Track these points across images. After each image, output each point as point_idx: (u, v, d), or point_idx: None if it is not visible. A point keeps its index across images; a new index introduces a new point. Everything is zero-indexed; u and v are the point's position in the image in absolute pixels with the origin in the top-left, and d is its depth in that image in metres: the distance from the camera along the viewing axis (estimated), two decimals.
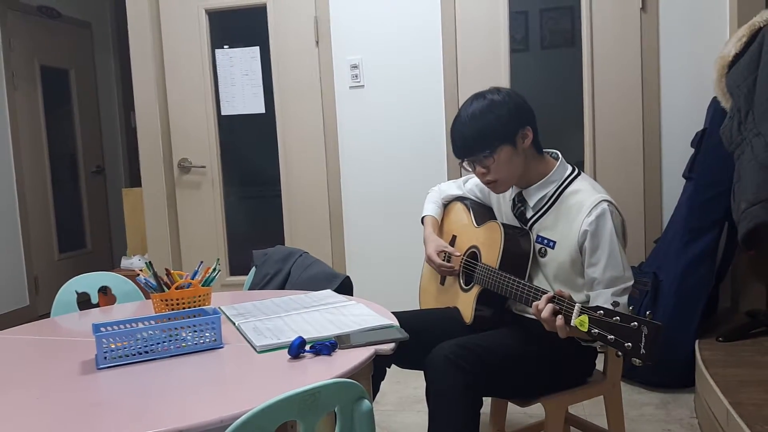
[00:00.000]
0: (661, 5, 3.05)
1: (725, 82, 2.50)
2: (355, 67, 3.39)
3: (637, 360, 1.32)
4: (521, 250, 1.77)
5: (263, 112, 3.57)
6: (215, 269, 1.80)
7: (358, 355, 1.36)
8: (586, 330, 1.42)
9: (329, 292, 1.95)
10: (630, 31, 3.09)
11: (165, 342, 1.44)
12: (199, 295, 1.73)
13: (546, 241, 1.76)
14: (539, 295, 1.57)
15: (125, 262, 4.20)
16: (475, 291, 1.84)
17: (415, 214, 2.33)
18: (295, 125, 3.53)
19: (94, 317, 1.88)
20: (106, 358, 1.38)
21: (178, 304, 1.69)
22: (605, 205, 1.67)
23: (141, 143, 3.67)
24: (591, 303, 1.67)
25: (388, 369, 1.96)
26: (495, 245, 1.79)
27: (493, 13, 3.23)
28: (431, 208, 2.13)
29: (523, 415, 2.46)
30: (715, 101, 2.72)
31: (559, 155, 1.83)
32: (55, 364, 1.44)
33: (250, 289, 2.39)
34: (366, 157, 3.44)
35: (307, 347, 1.39)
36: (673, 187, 3.07)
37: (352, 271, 3.47)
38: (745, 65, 2.41)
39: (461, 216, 2.05)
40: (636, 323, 1.33)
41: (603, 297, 1.65)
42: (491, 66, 3.25)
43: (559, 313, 1.49)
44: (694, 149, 2.85)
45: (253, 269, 2.47)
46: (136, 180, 4.71)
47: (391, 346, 1.43)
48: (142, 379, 1.30)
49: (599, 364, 1.86)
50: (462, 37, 3.28)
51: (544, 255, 1.76)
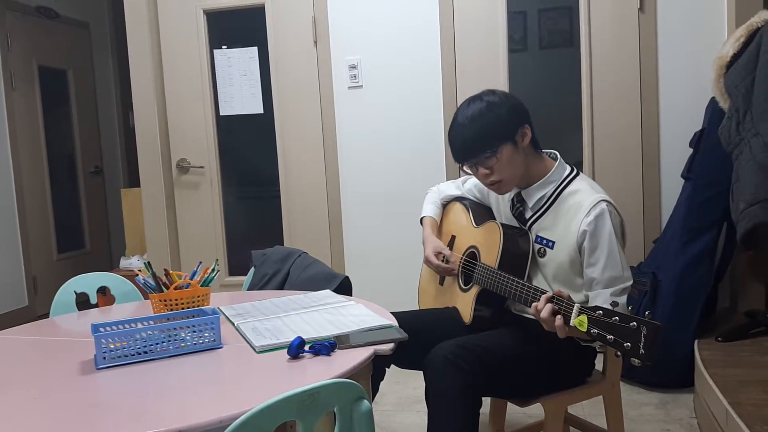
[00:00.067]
0: (660, 6, 3.05)
1: (723, 82, 2.51)
2: (353, 67, 3.39)
3: (636, 360, 1.32)
4: (520, 250, 1.77)
5: (262, 112, 3.57)
6: (214, 269, 1.80)
7: (358, 356, 1.36)
8: (585, 330, 1.42)
9: (328, 292, 1.95)
10: (628, 32, 3.10)
11: (164, 342, 1.44)
12: (198, 296, 1.73)
13: (545, 242, 1.76)
14: (538, 295, 1.57)
15: (124, 263, 4.20)
16: (474, 291, 1.85)
17: (414, 214, 2.33)
18: (294, 125, 3.53)
19: (93, 317, 1.87)
20: (105, 358, 1.38)
21: (177, 305, 1.69)
22: (604, 205, 1.67)
23: (139, 143, 3.67)
24: (590, 303, 1.67)
25: (387, 369, 1.96)
26: (494, 245, 1.79)
27: (492, 13, 3.23)
28: (430, 209, 2.13)
29: (523, 415, 2.46)
30: (713, 101, 2.73)
31: (558, 155, 1.83)
32: (54, 365, 1.44)
33: (249, 289, 2.38)
34: (365, 157, 3.44)
35: (307, 347, 1.39)
36: (671, 187, 3.08)
37: (351, 271, 3.47)
38: (743, 65, 2.41)
39: (460, 216, 2.05)
40: (635, 323, 1.33)
41: (602, 297, 1.65)
42: (490, 66, 3.25)
43: (558, 313, 1.49)
44: (692, 149, 2.85)
45: (252, 269, 2.46)
46: (134, 180, 4.71)
47: (391, 346, 1.43)
48: (141, 380, 1.30)
49: (598, 364, 1.86)
50: (460, 38, 3.28)
51: (543, 255, 1.76)
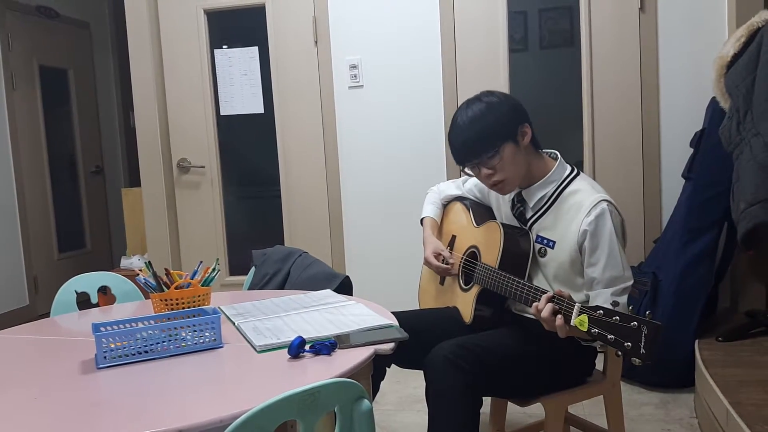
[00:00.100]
0: (660, 5, 3.05)
1: (724, 82, 2.50)
2: (354, 67, 3.39)
3: (636, 359, 1.32)
4: (521, 249, 1.77)
5: (262, 112, 3.56)
6: (215, 269, 1.80)
7: (358, 355, 1.36)
8: (586, 330, 1.42)
9: (329, 291, 1.95)
10: (629, 31, 3.09)
11: (164, 342, 1.44)
12: (199, 295, 1.73)
13: (545, 241, 1.76)
14: (539, 294, 1.57)
15: (125, 262, 4.20)
16: (475, 291, 1.85)
17: (414, 213, 2.33)
18: (294, 125, 3.53)
19: (93, 317, 1.87)
20: (105, 357, 1.38)
21: (177, 304, 1.70)
22: (605, 204, 1.67)
23: (140, 143, 3.67)
24: (590, 303, 1.67)
25: (387, 369, 1.96)
26: (494, 245, 1.79)
27: (492, 13, 3.23)
28: (430, 209, 2.13)
29: (523, 415, 2.46)
30: (714, 101, 2.73)
31: (558, 155, 1.83)
32: (55, 364, 1.44)
33: (249, 288, 2.39)
34: (365, 157, 3.44)
35: (307, 347, 1.39)
36: (672, 187, 3.07)
37: (352, 270, 3.47)
38: (744, 65, 2.41)
39: (461, 216, 2.05)
40: (636, 323, 1.33)
41: (602, 297, 1.65)
42: (490, 66, 3.25)
43: (559, 313, 1.49)
44: (693, 149, 2.85)
45: (253, 269, 2.46)
46: (135, 180, 4.71)
47: (391, 345, 1.43)
48: (142, 379, 1.30)
49: (599, 363, 1.86)
50: (461, 37, 3.28)
51: (544, 255, 1.76)
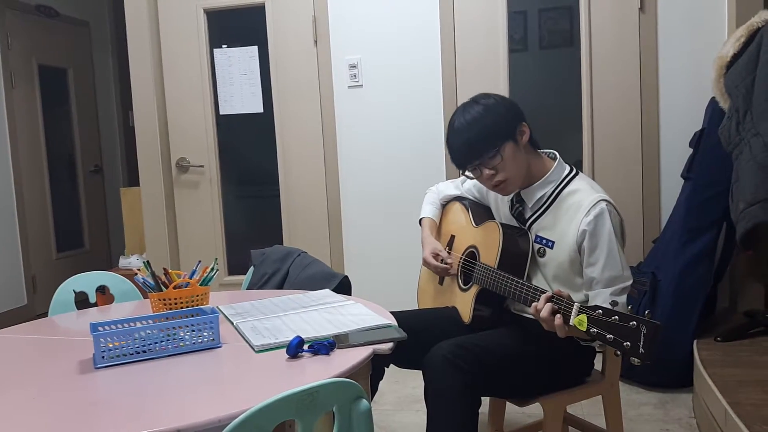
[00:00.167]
0: (660, 5, 3.05)
1: (723, 82, 2.50)
2: (353, 66, 3.39)
3: (635, 359, 1.32)
4: (520, 249, 1.77)
5: (261, 111, 3.56)
6: (213, 269, 1.80)
7: (357, 355, 1.36)
8: (585, 329, 1.42)
9: (327, 291, 1.95)
10: (628, 31, 3.09)
11: (163, 341, 1.44)
12: (197, 295, 1.73)
13: (544, 241, 1.76)
14: (538, 294, 1.57)
15: (123, 262, 4.20)
16: (474, 291, 1.84)
17: (413, 213, 2.33)
18: (294, 125, 3.53)
19: (91, 316, 1.87)
20: (103, 357, 1.38)
21: (176, 304, 1.69)
22: (604, 204, 1.67)
23: (139, 142, 3.66)
24: (590, 302, 1.67)
25: (386, 369, 1.96)
26: (494, 245, 1.79)
27: (492, 13, 3.23)
28: (429, 210, 2.13)
29: (522, 415, 2.46)
30: (713, 101, 2.73)
31: (557, 155, 1.83)
32: (53, 364, 1.44)
33: (248, 288, 2.38)
34: (364, 156, 3.44)
35: (306, 347, 1.39)
36: (671, 187, 3.07)
37: (351, 270, 3.46)
38: (744, 65, 2.41)
39: (459, 216, 2.05)
40: (635, 322, 1.33)
41: (602, 296, 1.65)
42: (490, 66, 3.25)
43: (558, 312, 1.49)
44: (692, 149, 2.85)
45: (252, 269, 2.46)
46: (134, 179, 4.70)
47: (390, 345, 1.43)
48: (140, 379, 1.30)
49: (597, 363, 1.86)
50: (460, 37, 3.28)
51: (543, 255, 1.76)
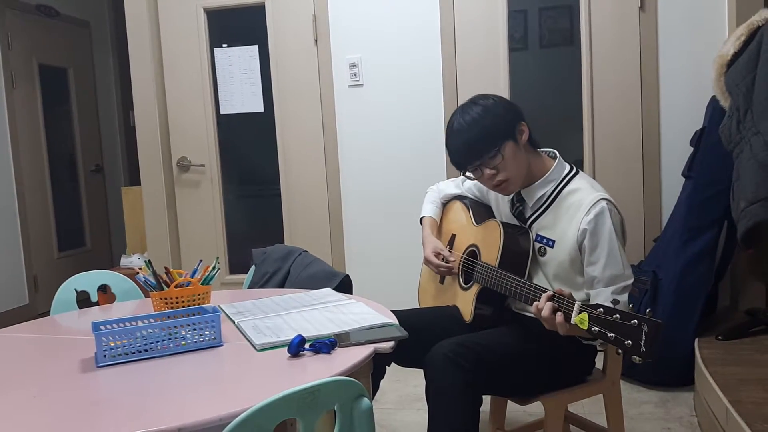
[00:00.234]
0: (660, 4, 3.05)
1: (724, 81, 2.50)
2: (354, 66, 3.39)
3: (637, 357, 1.32)
4: (521, 248, 1.77)
5: (262, 110, 3.56)
6: (214, 268, 1.80)
7: (358, 354, 1.36)
8: (586, 328, 1.42)
9: (329, 290, 1.95)
10: (629, 30, 3.09)
11: (164, 340, 1.44)
12: (199, 294, 1.73)
13: (545, 240, 1.76)
14: (538, 293, 1.57)
15: (125, 261, 4.20)
16: (475, 289, 1.85)
17: (414, 213, 2.33)
18: (294, 124, 3.53)
19: (93, 315, 1.88)
20: (105, 356, 1.38)
21: (177, 303, 1.69)
22: (604, 203, 1.67)
23: (140, 142, 3.67)
24: (591, 301, 1.67)
25: (387, 367, 1.96)
26: (494, 244, 1.79)
27: (492, 12, 3.23)
28: (429, 209, 2.13)
29: (523, 414, 2.46)
30: (714, 100, 2.72)
31: (557, 154, 1.83)
32: (55, 363, 1.44)
33: (249, 287, 2.38)
34: (365, 155, 3.44)
35: (307, 345, 1.39)
36: (672, 185, 3.07)
37: (352, 269, 3.47)
38: (744, 64, 2.41)
39: (460, 215, 2.05)
40: (636, 321, 1.33)
41: (603, 295, 1.65)
42: (490, 65, 3.25)
43: (559, 311, 1.49)
44: (693, 148, 2.85)
45: (253, 268, 2.46)
46: (135, 179, 4.71)
47: (391, 344, 1.43)
48: (142, 378, 1.30)
49: (599, 362, 1.86)
50: (461, 36, 3.27)
51: (544, 254, 1.76)
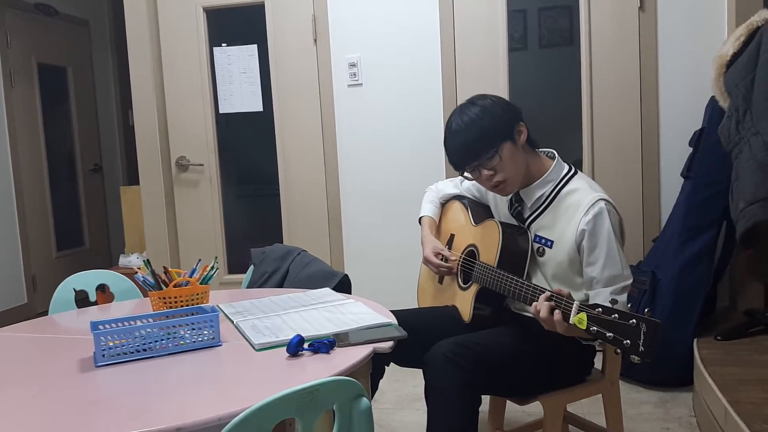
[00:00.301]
0: (660, 4, 3.05)
1: (723, 81, 2.50)
2: (353, 65, 3.39)
3: (635, 357, 1.32)
4: (519, 248, 1.77)
5: (261, 110, 3.56)
6: (213, 267, 1.80)
7: (357, 353, 1.36)
8: (585, 327, 1.42)
9: (328, 290, 1.95)
10: (628, 30, 3.09)
11: (163, 340, 1.44)
12: (197, 293, 1.73)
13: (544, 241, 1.76)
14: (537, 293, 1.57)
15: (123, 260, 4.20)
16: (474, 289, 1.85)
17: (413, 212, 2.33)
18: (294, 123, 3.53)
19: (92, 315, 1.87)
20: (104, 355, 1.38)
21: (176, 302, 1.69)
22: (602, 204, 1.67)
23: (139, 141, 3.66)
24: (590, 302, 1.67)
25: (386, 367, 1.96)
26: (493, 244, 1.79)
27: (492, 12, 3.23)
28: (428, 209, 2.13)
29: (522, 414, 2.46)
30: (713, 100, 2.73)
31: (555, 154, 1.83)
32: (53, 362, 1.44)
33: (248, 287, 2.38)
34: (364, 155, 3.44)
35: (306, 345, 1.39)
36: (671, 186, 3.07)
37: (351, 269, 3.47)
38: (743, 64, 2.41)
39: (459, 215, 2.05)
40: (635, 320, 1.33)
41: (602, 296, 1.65)
42: (490, 65, 3.25)
43: (557, 309, 1.49)
44: (692, 148, 2.85)
45: (252, 267, 2.46)
46: (134, 178, 4.70)
47: (390, 344, 1.43)
48: (141, 377, 1.30)
49: (597, 362, 1.86)
50: (460, 36, 3.27)
51: (542, 254, 1.76)
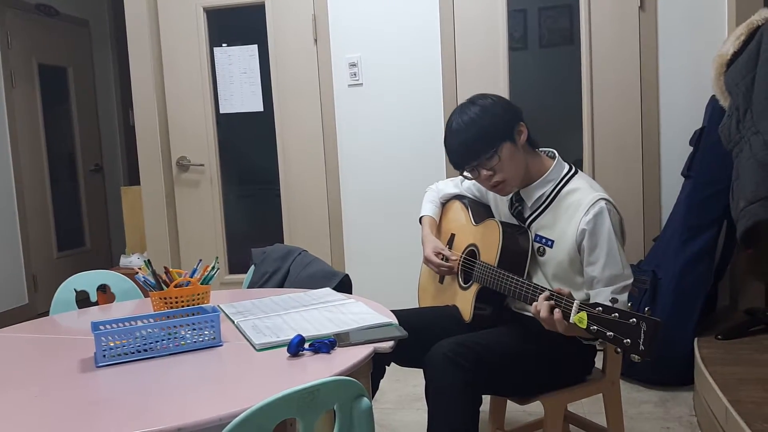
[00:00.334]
0: (660, 4, 3.05)
1: (724, 80, 2.50)
2: (353, 65, 3.39)
3: (636, 356, 1.32)
4: (520, 248, 1.77)
5: (262, 110, 3.56)
6: (214, 267, 1.80)
7: (357, 353, 1.36)
8: (585, 327, 1.42)
9: (328, 290, 1.95)
10: (629, 30, 3.09)
11: (164, 340, 1.44)
12: (198, 294, 1.73)
13: (544, 240, 1.76)
14: (537, 292, 1.57)
15: (124, 261, 4.20)
16: (474, 289, 1.85)
17: (413, 212, 2.33)
18: (294, 123, 3.53)
19: (92, 315, 1.88)
20: (105, 356, 1.38)
21: (176, 303, 1.69)
22: (603, 203, 1.67)
23: (139, 141, 3.66)
24: (591, 301, 1.67)
25: (387, 367, 1.96)
26: (494, 243, 1.79)
27: (492, 12, 3.23)
28: (429, 208, 2.13)
29: (523, 413, 2.46)
30: (713, 99, 2.73)
31: (556, 154, 1.83)
32: (54, 363, 1.44)
33: (249, 287, 2.39)
34: (365, 155, 3.44)
35: (306, 345, 1.39)
36: (671, 185, 3.07)
37: (351, 269, 3.47)
38: (744, 64, 2.41)
39: (459, 215, 2.05)
40: (635, 319, 1.33)
41: (602, 295, 1.65)
42: (490, 64, 3.25)
43: (557, 308, 1.49)
44: (692, 147, 2.85)
45: (252, 267, 2.46)
46: (134, 178, 4.71)
47: (390, 344, 1.43)
48: (141, 378, 1.30)
49: (598, 362, 1.86)
50: (460, 36, 3.27)
51: (543, 254, 1.76)
